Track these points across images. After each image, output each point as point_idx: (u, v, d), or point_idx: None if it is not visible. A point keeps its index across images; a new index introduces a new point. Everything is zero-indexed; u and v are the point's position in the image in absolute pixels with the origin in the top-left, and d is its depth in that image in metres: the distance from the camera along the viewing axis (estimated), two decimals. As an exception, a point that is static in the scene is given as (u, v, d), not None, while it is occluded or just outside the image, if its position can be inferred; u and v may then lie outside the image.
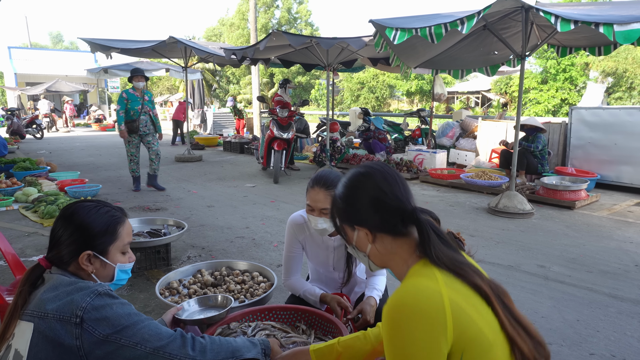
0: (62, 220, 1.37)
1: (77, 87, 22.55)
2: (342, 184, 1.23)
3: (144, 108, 6.57)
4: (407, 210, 1.13)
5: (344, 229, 1.23)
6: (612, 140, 6.93)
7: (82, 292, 1.23)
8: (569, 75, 21.39)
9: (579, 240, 4.57)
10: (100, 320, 1.19)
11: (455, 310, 0.96)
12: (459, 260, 1.07)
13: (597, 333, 2.76)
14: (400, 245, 1.14)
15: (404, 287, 1.02)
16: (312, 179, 2.10)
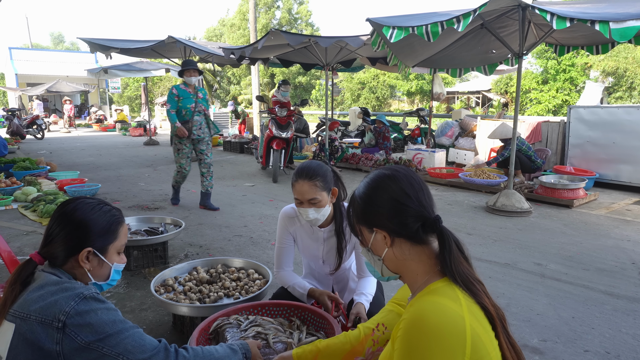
0: (63, 216, 1.34)
1: (77, 88, 22.59)
2: (365, 184, 1.20)
3: (198, 107, 5.47)
4: (429, 217, 1.11)
5: (361, 230, 1.20)
6: (610, 139, 6.92)
7: (66, 293, 1.19)
8: (569, 76, 21.37)
9: (577, 238, 4.57)
10: (84, 327, 1.15)
11: (475, 340, 0.95)
12: (474, 277, 1.06)
13: (592, 330, 2.77)
14: (418, 253, 1.12)
15: (426, 304, 0.99)
16: (295, 172, 2.12)
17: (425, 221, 1.10)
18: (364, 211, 1.17)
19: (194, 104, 5.44)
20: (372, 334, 1.43)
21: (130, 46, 9.37)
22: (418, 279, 1.12)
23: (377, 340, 1.41)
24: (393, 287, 3.29)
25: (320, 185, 2.06)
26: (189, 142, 5.51)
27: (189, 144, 5.53)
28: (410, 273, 1.14)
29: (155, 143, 13.94)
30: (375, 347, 1.41)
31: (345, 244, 2.20)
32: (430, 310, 0.97)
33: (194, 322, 2.57)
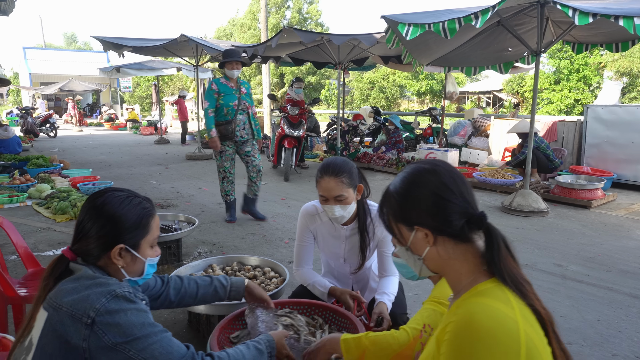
0: (92, 211, 1.28)
1: (90, 87, 22.77)
2: (402, 179, 1.12)
3: (241, 104, 4.75)
4: (474, 214, 1.04)
5: (399, 229, 1.12)
6: (629, 139, 6.78)
7: (99, 289, 1.16)
8: (582, 75, 21.11)
9: (597, 239, 4.47)
10: (112, 326, 1.12)
11: (530, 346, 0.88)
12: (523, 278, 1.00)
13: (619, 333, 2.68)
14: (463, 252, 1.05)
15: (475, 307, 0.93)
16: (320, 169, 2.05)
17: (470, 218, 1.03)
18: (402, 208, 1.10)
19: (236, 101, 4.72)
20: (420, 336, 1.37)
21: (143, 44, 9.39)
22: (462, 278, 1.05)
23: (424, 343, 1.35)
24: (411, 286, 3.23)
25: (347, 181, 2.01)
26: (231, 143, 4.83)
27: (231, 145, 4.84)
28: (453, 273, 1.07)
29: (166, 142, 13.98)
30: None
31: (369, 241, 2.15)
32: (482, 314, 0.91)
33: (209, 320, 2.53)
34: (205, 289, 1.78)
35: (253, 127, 4.93)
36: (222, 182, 5.03)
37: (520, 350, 0.87)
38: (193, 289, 1.76)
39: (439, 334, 0.98)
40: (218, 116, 4.73)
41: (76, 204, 5.35)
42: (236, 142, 4.85)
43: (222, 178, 5.01)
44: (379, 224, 2.16)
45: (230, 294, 1.82)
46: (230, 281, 1.83)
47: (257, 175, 5.05)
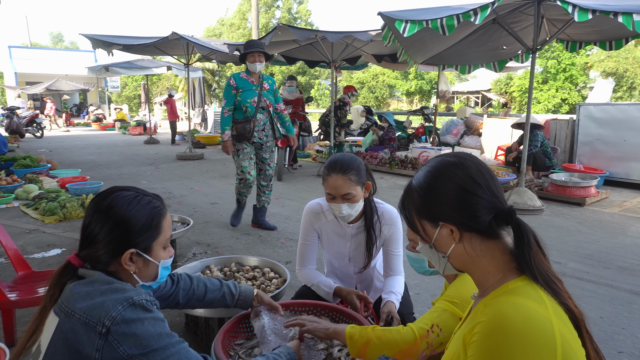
0: (99, 214, 1.17)
1: (77, 86, 22.44)
2: (426, 173, 1.06)
3: (262, 102, 4.28)
4: (503, 209, 0.98)
5: (423, 225, 1.06)
6: (621, 137, 6.83)
7: (115, 295, 1.07)
8: (569, 74, 21.36)
9: (593, 236, 4.47)
10: (128, 336, 1.03)
11: (565, 347, 0.84)
12: (555, 275, 0.95)
13: (623, 330, 2.66)
14: (490, 248, 0.99)
15: (507, 306, 0.88)
16: (326, 166, 1.99)
17: (499, 213, 0.98)
18: (426, 203, 1.04)
19: (256, 98, 4.25)
20: (427, 335, 1.33)
21: (133, 42, 9.24)
22: (490, 277, 0.99)
23: (431, 343, 1.31)
24: (411, 285, 3.18)
25: (355, 179, 1.95)
26: (249, 143, 4.36)
27: (249, 144, 4.37)
28: (480, 270, 1.01)
29: (155, 142, 13.80)
30: (429, 350, 1.31)
31: (376, 240, 2.09)
32: (514, 313, 0.85)
33: (208, 323, 2.45)
34: (214, 293, 1.71)
35: (275, 128, 4.47)
36: (239, 183, 4.49)
37: (556, 351, 0.82)
38: (201, 292, 1.69)
39: (466, 335, 0.93)
40: (236, 114, 4.30)
41: (65, 204, 5.22)
42: (254, 143, 4.38)
43: (240, 180, 4.46)
44: (386, 222, 2.11)
45: (238, 303, 1.75)
46: (239, 290, 1.76)
47: (268, 185, 4.65)
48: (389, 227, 2.11)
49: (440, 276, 1.67)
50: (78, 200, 5.42)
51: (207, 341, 2.39)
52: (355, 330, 1.37)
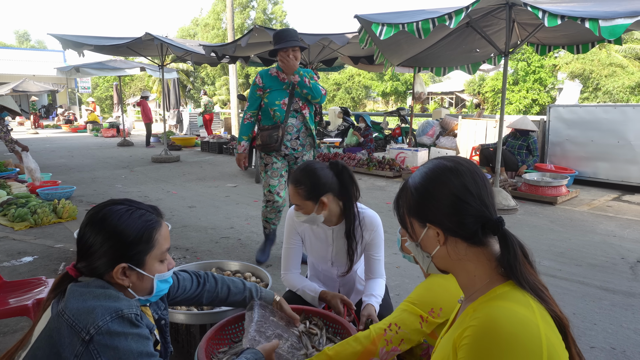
0: (91, 226, 1.18)
1: (45, 87, 21.75)
2: (422, 174, 1.08)
3: (294, 103, 3.45)
4: (491, 219, 1.01)
5: (412, 224, 1.09)
6: (589, 137, 7.08)
7: (107, 303, 1.08)
8: (538, 76, 22.01)
9: (565, 234, 4.62)
10: (109, 349, 1.03)
11: (551, 350, 0.87)
12: (541, 283, 0.98)
13: (595, 326, 2.76)
14: (476, 254, 1.02)
15: (496, 311, 0.91)
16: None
17: (487, 222, 1.00)
18: (418, 204, 1.06)
19: (286, 99, 3.43)
20: (385, 334, 1.39)
21: (105, 43, 9.03)
22: (476, 280, 1.02)
23: (390, 340, 1.38)
24: (392, 287, 3.22)
25: (303, 194, 1.99)
26: (279, 155, 3.55)
27: (280, 158, 3.56)
28: (465, 274, 1.04)
29: (129, 144, 13.52)
30: (389, 346, 1.38)
31: (356, 245, 2.11)
32: (503, 318, 0.88)
33: (189, 330, 2.42)
34: (236, 296, 1.75)
35: (312, 134, 3.60)
36: (266, 206, 3.67)
37: (542, 354, 0.85)
38: (224, 295, 1.72)
39: (456, 339, 0.95)
40: (263, 119, 3.54)
41: (36, 210, 5.06)
42: (287, 156, 3.57)
43: (267, 202, 3.64)
44: (367, 227, 2.13)
45: None
46: (260, 294, 1.79)
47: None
48: (370, 233, 2.13)
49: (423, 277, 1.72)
50: (50, 205, 5.26)
51: (189, 348, 2.36)
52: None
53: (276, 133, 3.44)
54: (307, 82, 3.38)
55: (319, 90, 3.45)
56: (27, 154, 6.67)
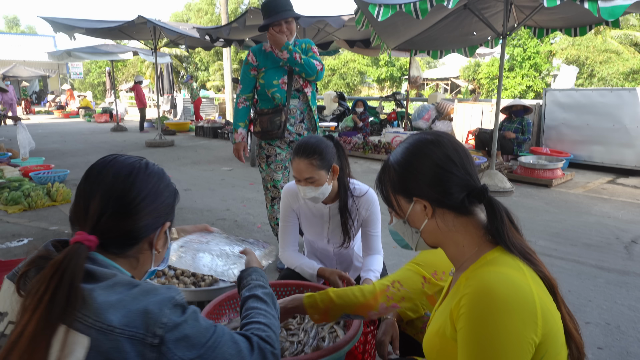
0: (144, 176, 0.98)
1: (36, 72, 21.46)
2: (403, 149, 1.09)
3: (295, 82, 3.05)
4: (475, 187, 1.02)
5: (398, 200, 1.09)
6: (584, 121, 7.09)
7: (154, 297, 0.87)
8: (533, 62, 21.97)
9: (560, 216, 4.65)
10: (180, 341, 0.86)
11: (544, 310, 0.89)
12: (529, 247, 1.00)
13: (590, 303, 2.79)
14: (464, 224, 1.03)
15: (489, 276, 0.92)
16: (293, 149, 2.00)
17: (472, 191, 1.01)
18: (402, 179, 1.07)
19: (286, 77, 3.00)
20: (387, 289, 1.40)
21: (97, 26, 8.88)
22: (465, 250, 1.03)
23: (391, 297, 1.39)
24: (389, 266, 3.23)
25: (317, 163, 1.94)
26: (283, 144, 3.17)
27: (285, 146, 3.17)
28: (454, 245, 1.05)
29: (123, 129, 13.41)
30: (389, 302, 1.39)
31: (352, 222, 2.10)
32: (497, 282, 0.89)
33: (188, 307, 2.43)
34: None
35: (314, 117, 3.19)
36: (272, 203, 3.28)
37: (537, 314, 0.87)
38: None
39: (453, 309, 0.96)
40: (260, 102, 3.13)
41: (30, 193, 5.01)
42: (291, 142, 3.17)
43: (272, 198, 3.25)
44: (363, 203, 2.12)
45: None
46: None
47: None
48: (367, 209, 2.12)
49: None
50: (43, 189, 5.22)
51: (187, 325, 2.36)
52: (315, 297, 1.39)
53: (278, 118, 3.00)
54: (298, 58, 2.90)
55: (312, 67, 2.96)
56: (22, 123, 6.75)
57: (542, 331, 0.87)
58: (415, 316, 1.83)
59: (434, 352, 1.04)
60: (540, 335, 0.87)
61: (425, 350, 1.08)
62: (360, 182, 2.18)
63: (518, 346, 0.85)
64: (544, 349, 0.88)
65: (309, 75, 3.02)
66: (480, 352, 0.87)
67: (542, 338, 0.88)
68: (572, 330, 0.97)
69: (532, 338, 0.86)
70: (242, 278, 1.25)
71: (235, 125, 3.20)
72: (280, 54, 2.93)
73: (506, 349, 0.85)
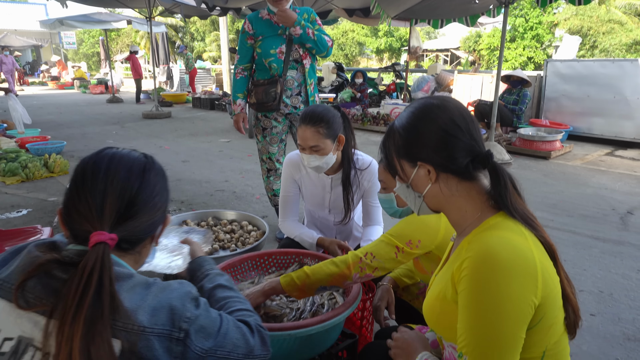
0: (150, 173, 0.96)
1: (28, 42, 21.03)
2: (409, 114, 1.07)
3: (293, 52, 2.92)
4: (480, 152, 1.01)
5: (402, 165, 1.09)
6: (585, 93, 7.03)
7: (173, 294, 0.90)
8: (535, 33, 21.60)
9: (557, 187, 4.67)
10: (199, 332, 0.90)
11: (544, 274, 0.90)
12: (530, 212, 1.00)
13: (584, 272, 2.83)
14: (467, 189, 1.03)
15: (491, 239, 0.92)
16: (300, 116, 1.98)
17: (476, 156, 1.01)
18: (407, 143, 1.06)
19: (284, 46, 2.88)
20: (360, 261, 1.45)
21: (89, -7, 8.64)
22: (468, 216, 1.03)
23: (363, 268, 1.45)
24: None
25: (324, 132, 1.93)
26: (280, 116, 3.07)
27: (281, 119, 3.08)
28: (456, 210, 1.05)
29: (119, 100, 13.25)
30: (362, 273, 1.45)
31: (353, 193, 2.10)
32: (499, 245, 0.90)
33: (187, 276, 2.45)
34: None
35: (309, 91, 3.04)
36: (267, 175, 3.25)
37: (537, 278, 0.89)
38: None
39: (454, 273, 0.97)
40: (258, 73, 3.02)
41: (27, 165, 4.99)
42: (287, 115, 3.08)
43: (267, 170, 3.23)
44: (366, 175, 2.12)
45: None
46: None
47: None
48: (369, 180, 2.12)
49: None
50: (40, 160, 5.19)
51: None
52: (288, 277, 1.46)
53: (273, 89, 2.90)
54: (311, 34, 2.80)
55: (324, 43, 2.86)
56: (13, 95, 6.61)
57: (542, 293, 0.89)
58: (411, 282, 1.86)
59: (434, 315, 1.06)
60: (540, 297, 0.89)
61: (425, 314, 1.10)
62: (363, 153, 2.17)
63: (518, 308, 0.87)
64: (542, 311, 0.90)
65: (320, 52, 2.92)
66: (481, 312, 0.88)
67: (542, 300, 0.89)
68: (569, 295, 0.98)
69: (532, 300, 0.88)
70: (194, 270, 1.25)
71: (234, 96, 3.12)
72: (293, 30, 2.81)
73: (507, 310, 0.86)
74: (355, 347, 1.66)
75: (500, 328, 0.87)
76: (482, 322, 0.88)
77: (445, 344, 1.08)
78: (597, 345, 2.09)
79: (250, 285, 1.78)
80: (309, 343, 1.44)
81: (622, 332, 2.20)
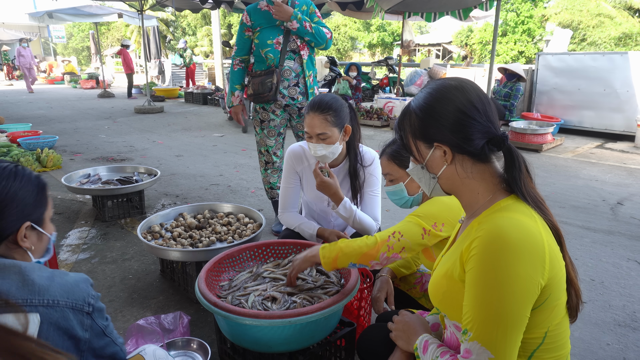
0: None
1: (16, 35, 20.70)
2: (426, 94, 1.07)
3: (291, 43, 2.92)
4: (496, 134, 1.02)
5: (417, 146, 1.09)
6: (576, 86, 7.10)
7: (75, 275, 1.06)
8: (527, 27, 21.70)
9: (549, 179, 4.73)
10: (101, 311, 1.07)
11: (552, 256, 0.93)
12: (540, 196, 1.03)
13: (576, 261, 2.88)
14: (481, 171, 1.04)
15: (502, 221, 0.94)
16: (308, 104, 2.00)
17: (492, 138, 1.02)
18: (424, 124, 1.06)
19: (281, 36, 2.89)
20: (388, 240, 1.45)
21: (79, -14, 8.53)
22: (480, 197, 1.05)
23: (392, 246, 1.44)
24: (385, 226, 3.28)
25: (332, 120, 1.94)
26: (278, 108, 3.04)
27: (279, 111, 3.05)
28: (469, 192, 1.07)
29: (110, 95, 13.15)
30: (390, 252, 1.44)
31: (359, 185, 2.12)
32: (509, 226, 0.92)
33: (185, 269, 2.46)
34: None
35: (308, 82, 3.01)
36: (265, 168, 3.21)
37: (545, 259, 0.91)
38: None
39: (463, 252, 0.99)
40: (256, 65, 3.01)
41: (19, 159, 4.95)
42: (286, 107, 3.04)
43: (265, 162, 3.19)
44: (365, 165, 2.14)
45: None
46: None
47: None
48: (368, 169, 2.14)
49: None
50: (32, 155, 5.15)
51: (185, 286, 2.41)
52: (326, 248, 1.49)
53: (270, 80, 2.87)
54: (308, 27, 2.84)
55: (322, 35, 2.88)
56: None
57: (549, 275, 0.92)
58: (409, 272, 1.89)
59: (440, 293, 1.08)
60: (546, 279, 0.92)
61: (431, 292, 1.12)
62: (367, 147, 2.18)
63: (525, 287, 0.89)
64: (548, 292, 0.93)
65: (318, 44, 2.94)
66: (488, 290, 0.90)
67: (548, 282, 0.92)
68: (573, 278, 1.02)
69: (539, 281, 0.90)
70: None
71: (231, 88, 3.10)
72: (289, 24, 2.84)
73: (514, 289, 0.89)
74: (353, 335, 1.68)
75: (507, 306, 0.89)
76: (488, 300, 0.90)
77: (448, 322, 1.10)
78: (589, 331, 2.13)
79: (248, 275, 1.80)
80: (308, 330, 1.47)
81: (613, 318, 2.25)
